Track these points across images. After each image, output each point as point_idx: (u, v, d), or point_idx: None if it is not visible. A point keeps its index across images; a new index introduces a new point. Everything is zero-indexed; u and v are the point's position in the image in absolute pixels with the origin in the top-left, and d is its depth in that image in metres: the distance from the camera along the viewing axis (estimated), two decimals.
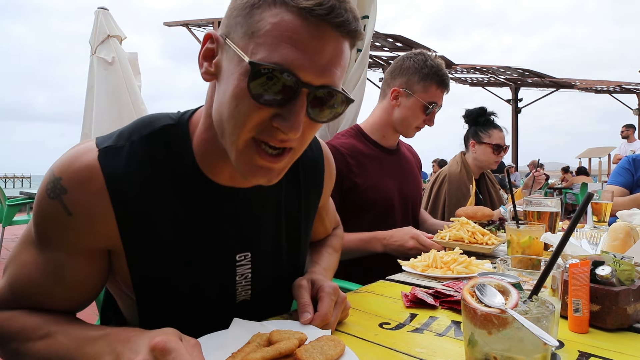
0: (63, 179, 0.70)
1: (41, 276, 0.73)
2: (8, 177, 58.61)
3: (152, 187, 0.74)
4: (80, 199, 0.70)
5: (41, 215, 0.72)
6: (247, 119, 0.65)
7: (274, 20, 0.62)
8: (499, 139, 2.46)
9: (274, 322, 0.78)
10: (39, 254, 0.73)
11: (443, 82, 1.67)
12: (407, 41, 9.06)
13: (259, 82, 0.62)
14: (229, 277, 0.84)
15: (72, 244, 0.73)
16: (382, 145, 1.78)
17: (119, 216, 0.72)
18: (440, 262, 1.25)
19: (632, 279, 0.86)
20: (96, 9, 4.95)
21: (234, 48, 0.64)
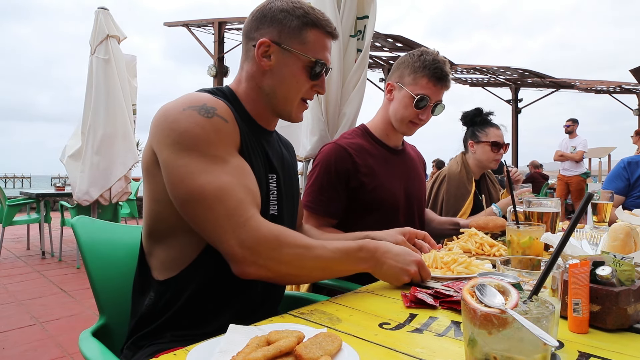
0: (207, 104, 0.99)
1: (243, 175, 0.99)
2: (8, 177, 58.60)
3: (233, 119, 1.04)
4: (226, 111, 1.01)
5: (211, 133, 0.96)
6: (302, 87, 1.14)
7: (315, 37, 1.13)
8: (497, 137, 2.45)
9: (269, 326, 0.80)
10: (225, 166, 0.96)
11: (435, 75, 1.62)
12: (407, 41, 9.06)
13: (313, 69, 1.12)
14: (266, 190, 1.12)
15: (235, 144, 1.02)
16: (388, 145, 1.77)
17: (240, 131, 1.05)
18: (441, 262, 1.23)
19: (632, 279, 0.86)
20: (96, 9, 4.95)
21: (292, 50, 1.10)
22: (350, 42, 2.47)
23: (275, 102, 1.14)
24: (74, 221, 1.19)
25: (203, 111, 0.97)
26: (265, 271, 0.95)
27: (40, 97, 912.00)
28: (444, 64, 1.66)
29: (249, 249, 0.92)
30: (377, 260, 1.06)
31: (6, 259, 5.34)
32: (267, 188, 1.12)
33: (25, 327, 3.08)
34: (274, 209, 1.14)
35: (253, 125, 1.15)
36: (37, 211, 5.56)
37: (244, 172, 1.00)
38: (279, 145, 1.27)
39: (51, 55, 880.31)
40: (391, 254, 1.07)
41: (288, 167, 1.28)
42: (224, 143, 0.99)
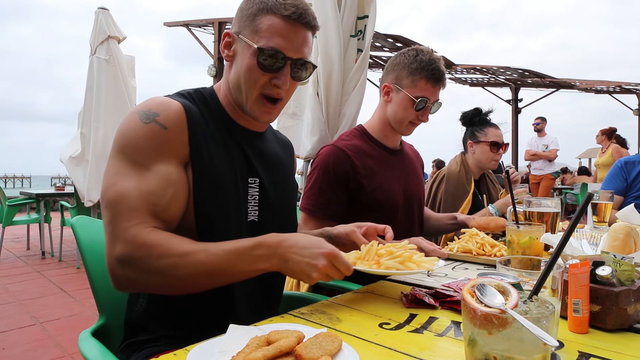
0: (152, 108, 0.96)
1: (158, 186, 0.92)
2: (8, 177, 58.61)
3: (201, 120, 1.03)
4: (170, 116, 0.96)
5: (141, 139, 0.93)
6: (256, 82, 1.04)
7: (269, 23, 1.02)
8: (496, 136, 2.45)
9: (270, 326, 0.79)
10: (145, 174, 0.92)
11: (433, 77, 1.62)
12: (407, 41, 9.06)
13: (263, 58, 1.01)
14: (244, 195, 1.08)
15: (170, 154, 0.95)
16: (386, 146, 1.77)
17: (190, 135, 0.98)
18: (375, 254, 1.06)
19: (632, 279, 0.86)
20: (96, 9, 4.95)
21: (245, 40, 1.03)
22: (350, 42, 2.47)
23: (236, 98, 1.08)
24: (74, 221, 1.19)
25: (144, 116, 0.95)
26: (140, 285, 0.90)
27: (40, 97, 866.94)
28: (440, 62, 1.65)
29: (121, 262, 0.86)
30: (281, 256, 0.90)
31: (6, 259, 5.34)
32: (246, 193, 1.09)
33: (25, 327, 3.08)
34: (253, 214, 1.10)
35: (232, 126, 1.10)
36: (37, 211, 5.56)
37: (161, 182, 0.92)
38: (272, 146, 1.22)
39: (52, 55, 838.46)
40: (296, 248, 0.91)
41: (281, 169, 1.22)
42: (153, 150, 0.93)
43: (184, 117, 0.98)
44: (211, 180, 1.00)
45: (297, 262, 0.90)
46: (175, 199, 0.94)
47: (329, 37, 2.38)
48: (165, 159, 0.94)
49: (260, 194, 1.11)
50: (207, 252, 0.88)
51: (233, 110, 1.11)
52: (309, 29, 1.05)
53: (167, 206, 0.92)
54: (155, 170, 0.92)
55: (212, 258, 0.88)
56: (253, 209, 1.10)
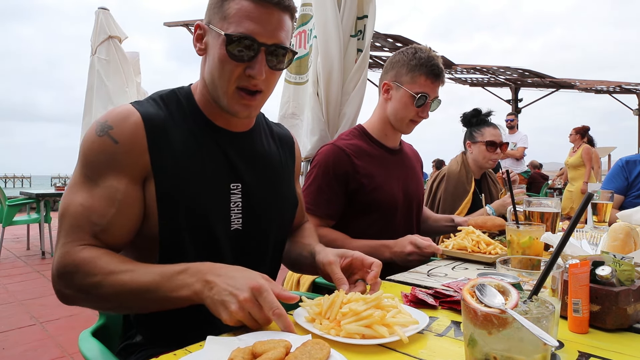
0: (108, 120, 0.91)
1: (102, 204, 0.88)
2: (8, 177, 58.59)
3: (171, 125, 0.97)
4: (124, 131, 0.90)
5: (92, 152, 0.90)
6: (230, 74, 0.95)
7: (237, 6, 0.92)
8: (492, 136, 2.46)
9: (250, 335, 0.76)
10: (94, 189, 0.89)
11: (432, 73, 1.63)
12: (407, 41, 9.06)
13: (233, 46, 0.92)
14: (225, 203, 1.01)
15: (120, 169, 0.90)
16: (386, 145, 1.77)
17: (151, 146, 0.92)
18: (339, 312, 0.81)
19: (632, 279, 0.86)
20: (96, 9, 4.95)
21: (214, 29, 0.95)
22: (350, 42, 2.47)
23: (212, 94, 1.00)
24: None
25: (99, 128, 0.91)
26: (75, 301, 0.87)
27: (42, 97, 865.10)
28: (438, 59, 1.67)
29: (55, 276, 0.86)
30: (206, 283, 0.79)
31: (6, 259, 5.34)
32: (228, 200, 1.01)
33: (25, 327, 3.08)
34: (237, 222, 1.03)
35: (210, 128, 1.02)
36: (37, 211, 5.56)
37: (106, 200, 0.88)
38: (260, 145, 1.12)
39: (53, 55, 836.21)
40: (226, 277, 0.79)
41: (271, 169, 1.13)
42: (102, 164, 0.89)
43: (142, 129, 0.91)
44: (180, 193, 0.94)
45: (220, 291, 0.77)
46: (118, 218, 0.89)
47: (328, 37, 2.38)
48: (113, 175, 0.90)
49: (244, 199, 1.04)
50: (132, 273, 0.83)
51: (211, 109, 1.03)
52: (283, 10, 0.95)
53: (109, 226, 0.88)
54: (102, 186, 0.89)
55: (136, 279, 0.82)
56: (236, 216, 1.03)
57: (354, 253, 1.06)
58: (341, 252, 1.07)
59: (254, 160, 1.09)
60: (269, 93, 1.04)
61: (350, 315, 0.79)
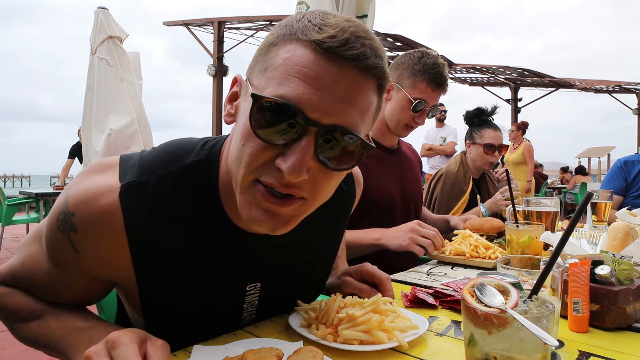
0: (75, 216, 0.67)
1: (44, 278, 0.76)
2: (8, 176, 58.53)
3: (172, 224, 0.71)
4: (91, 240, 0.68)
5: (50, 242, 0.71)
6: (251, 157, 0.61)
7: (287, 55, 0.59)
8: (491, 139, 2.45)
9: (238, 343, 0.73)
10: (46, 260, 0.75)
11: (434, 81, 1.61)
12: (407, 41, 9.06)
13: (263, 116, 0.58)
14: (237, 304, 0.83)
15: (77, 272, 0.73)
16: (383, 145, 1.77)
17: (135, 254, 0.70)
18: (335, 317, 0.78)
19: (631, 278, 0.87)
20: (96, 8, 4.94)
21: (248, 85, 0.63)
22: None
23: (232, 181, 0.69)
24: None
25: (61, 221, 0.68)
26: None
27: (43, 97, 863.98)
28: (444, 67, 1.65)
29: None
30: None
31: (6, 259, 5.33)
32: (242, 301, 0.83)
33: None
34: (249, 317, 0.87)
35: (226, 226, 0.76)
36: (37, 210, 5.55)
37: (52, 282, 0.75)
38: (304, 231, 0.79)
39: (55, 55, 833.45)
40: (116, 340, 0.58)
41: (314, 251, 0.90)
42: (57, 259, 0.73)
43: (120, 239, 0.68)
44: (172, 303, 0.76)
45: None
46: (58, 294, 0.77)
47: None
48: (72, 274, 0.74)
49: (262, 298, 0.85)
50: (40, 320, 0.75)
51: (231, 202, 0.72)
52: (364, 71, 0.60)
53: (45, 293, 0.77)
54: (54, 270, 0.74)
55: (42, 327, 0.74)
56: (249, 313, 0.86)
57: (362, 266, 0.99)
58: (348, 270, 1.01)
59: (283, 252, 0.83)
60: (316, 203, 0.68)
61: (348, 320, 0.75)
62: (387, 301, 0.84)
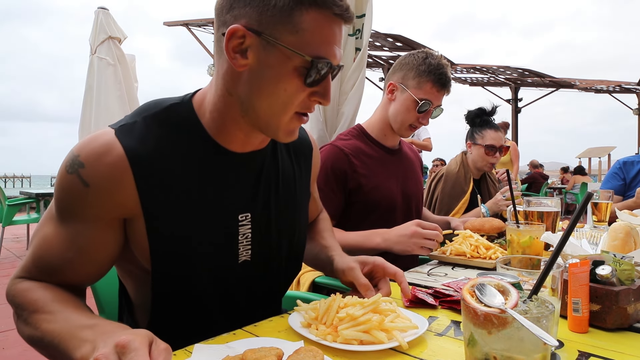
0: (81, 156, 0.78)
1: (61, 246, 0.80)
2: (8, 177, 58.58)
3: (167, 155, 0.82)
4: (97, 172, 0.77)
5: (61, 190, 0.79)
6: (294, 98, 0.81)
7: (315, 23, 0.77)
8: (492, 140, 2.43)
9: (239, 342, 0.74)
10: (59, 226, 0.81)
11: (439, 81, 1.63)
12: (407, 41, 9.06)
13: (312, 71, 0.78)
14: (232, 236, 0.91)
15: (89, 214, 0.79)
16: (385, 145, 1.77)
17: (140, 184, 0.79)
18: (336, 317, 0.79)
19: (632, 278, 0.86)
20: (96, 8, 4.94)
21: (280, 45, 0.77)
22: (348, 41, 2.47)
23: (256, 118, 0.83)
24: None
25: (69, 163, 0.78)
26: None
27: (44, 97, 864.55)
28: (448, 68, 1.67)
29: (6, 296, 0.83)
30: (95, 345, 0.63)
31: (6, 259, 5.33)
32: (236, 232, 0.91)
33: None
34: (245, 254, 0.93)
35: (216, 153, 0.88)
36: (37, 211, 5.56)
37: (65, 242, 0.80)
38: (273, 162, 0.99)
39: (57, 56, 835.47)
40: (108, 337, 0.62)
41: (287, 186, 1.01)
42: (68, 205, 0.80)
43: (125, 167, 0.78)
44: (175, 232, 0.84)
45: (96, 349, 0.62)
46: (74, 263, 0.81)
47: None
48: (79, 219, 0.80)
49: (254, 230, 0.93)
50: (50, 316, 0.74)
51: (223, 130, 0.87)
52: (348, 23, 0.84)
53: (63, 269, 0.81)
54: (66, 227, 0.80)
55: (47, 326, 0.72)
56: (245, 248, 0.93)
57: (374, 260, 1.03)
58: (361, 259, 1.04)
59: (267, 182, 0.96)
60: None
61: (348, 320, 0.77)
62: (387, 301, 0.85)
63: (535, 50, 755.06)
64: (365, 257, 1.05)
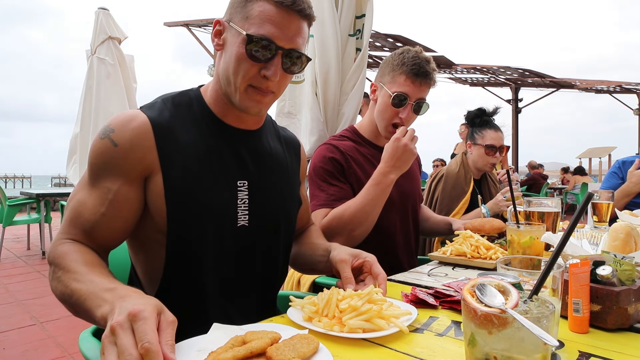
0: (111, 124, 0.96)
1: (94, 203, 0.93)
2: (8, 177, 58.57)
3: (180, 126, 1.00)
4: (125, 134, 0.94)
5: (94, 154, 0.95)
6: (245, 72, 0.98)
7: (260, 9, 0.96)
8: (492, 140, 2.43)
9: (253, 326, 0.78)
10: (92, 189, 0.95)
11: (412, 71, 1.55)
12: (407, 41, 9.06)
13: (252, 47, 0.96)
14: (232, 200, 1.04)
15: (118, 171, 0.94)
16: (378, 145, 1.77)
17: (160, 145, 0.96)
18: (336, 309, 0.83)
19: (632, 278, 0.86)
20: (96, 9, 4.95)
21: (235, 27, 0.98)
22: (349, 41, 2.47)
23: (225, 90, 1.03)
24: None
25: (102, 132, 0.96)
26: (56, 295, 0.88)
27: (45, 97, 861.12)
28: (426, 61, 1.59)
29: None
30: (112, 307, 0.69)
31: (6, 259, 5.34)
32: (235, 197, 1.04)
33: (25, 327, 3.08)
34: (243, 219, 1.05)
35: (220, 127, 1.06)
36: (38, 211, 5.56)
37: (98, 199, 0.93)
38: (268, 145, 1.16)
39: (58, 57, 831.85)
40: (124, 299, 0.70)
41: (279, 169, 1.16)
42: (100, 166, 0.95)
43: (148, 131, 0.95)
44: (188, 188, 0.97)
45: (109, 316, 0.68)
46: (107, 217, 0.93)
47: (326, 36, 2.37)
48: (110, 176, 0.94)
49: (251, 197, 1.06)
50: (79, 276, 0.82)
51: (221, 107, 1.06)
52: (303, 17, 1.00)
53: (98, 223, 0.93)
54: (98, 187, 0.94)
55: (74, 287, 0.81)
56: (243, 213, 1.05)
57: (367, 256, 1.09)
58: (355, 253, 1.11)
59: (261, 158, 1.11)
60: (279, 95, 1.08)
61: (350, 310, 0.81)
62: (378, 292, 0.89)
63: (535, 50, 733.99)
64: (360, 252, 1.11)
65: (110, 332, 0.62)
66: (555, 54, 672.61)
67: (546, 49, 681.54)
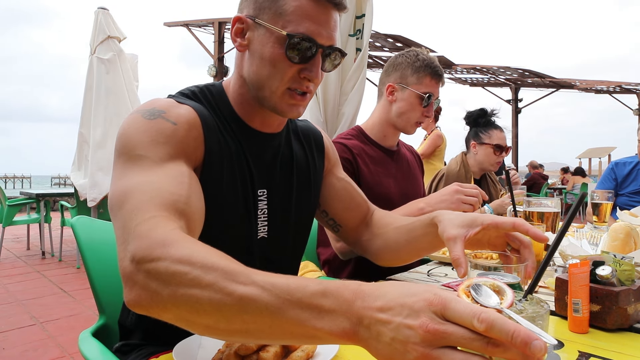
0: (156, 107, 0.84)
1: (168, 181, 0.72)
2: (8, 177, 58.57)
3: (215, 127, 0.91)
4: (180, 114, 0.84)
5: (144, 135, 0.78)
6: (283, 74, 0.88)
7: (296, 3, 0.86)
8: (500, 140, 2.45)
9: None
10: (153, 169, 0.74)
11: (436, 73, 1.70)
12: (407, 41, 9.06)
13: (292, 47, 0.86)
14: (253, 209, 0.96)
15: (180, 152, 0.81)
16: (383, 146, 1.78)
17: (206, 139, 0.87)
18: None
19: (632, 279, 0.86)
20: (96, 8, 4.95)
21: (266, 25, 0.87)
22: (349, 41, 2.47)
23: (257, 95, 0.93)
24: (74, 221, 1.19)
25: (147, 114, 0.81)
26: (154, 301, 0.56)
27: (48, 98, 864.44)
28: (436, 60, 1.75)
29: (132, 261, 0.59)
30: (358, 319, 0.48)
31: (6, 259, 5.34)
32: (255, 207, 0.96)
33: (25, 327, 3.08)
34: (263, 230, 0.98)
35: (244, 130, 0.97)
36: (37, 211, 5.56)
37: (173, 178, 0.74)
38: (289, 147, 1.06)
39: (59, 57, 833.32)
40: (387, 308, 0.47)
41: (300, 172, 1.07)
42: (159, 144, 0.78)
43: (198, 119, 0.86)
44: (217, 195, 0.88)
45: (384, 333, 0.46)
46: (192, 199, 0.74)
47: None
48: (173, 157, 0.78)
49: (270, 207, 0.99)
50: (247, 280, 0.53)
51: (247, 111, 0.97)
52: (340, 10, 0.92)
53: (187, 199, 0.72)
54: (165, 168, 0.75)
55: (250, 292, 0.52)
56: (262, 224, 0.98)
57: (484, 219, 0.85)
58: (469, 221, 0.86)
59: (281, 165, 1.03)
60: (314, 93, 1.01)
61: None
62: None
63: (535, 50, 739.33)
64: (474, 217, 0.86)
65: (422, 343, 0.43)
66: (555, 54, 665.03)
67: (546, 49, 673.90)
